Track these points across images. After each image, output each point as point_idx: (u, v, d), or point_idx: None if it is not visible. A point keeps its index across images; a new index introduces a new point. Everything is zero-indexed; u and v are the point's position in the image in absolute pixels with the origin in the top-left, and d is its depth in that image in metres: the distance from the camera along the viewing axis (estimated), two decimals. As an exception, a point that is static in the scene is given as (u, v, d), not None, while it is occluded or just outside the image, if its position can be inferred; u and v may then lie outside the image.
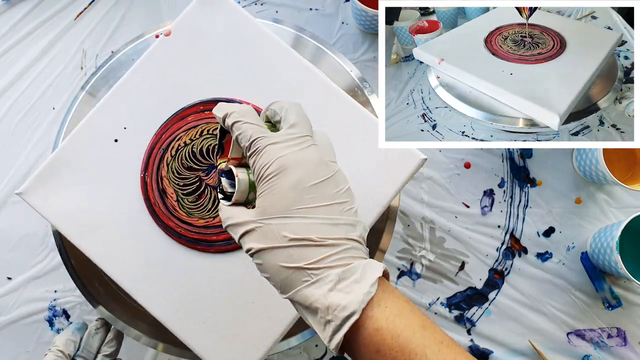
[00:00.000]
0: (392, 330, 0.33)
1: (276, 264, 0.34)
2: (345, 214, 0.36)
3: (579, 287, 0.72)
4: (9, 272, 0.72)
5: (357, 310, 0.33)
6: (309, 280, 0.34)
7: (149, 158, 0.54)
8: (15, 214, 0.73)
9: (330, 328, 0.33)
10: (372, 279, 0.34)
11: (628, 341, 0.72)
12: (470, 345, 0.72)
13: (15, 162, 0.73)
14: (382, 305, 0.34)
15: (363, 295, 0.33)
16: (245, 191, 0.38)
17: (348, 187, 0.37)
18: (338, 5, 0.75)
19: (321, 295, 0.33)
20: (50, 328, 0.72)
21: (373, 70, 0.74)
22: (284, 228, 0.34)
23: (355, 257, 0.35)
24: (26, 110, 0.74)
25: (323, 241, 0.34)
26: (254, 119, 0.38)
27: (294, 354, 0.71)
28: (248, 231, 0.35)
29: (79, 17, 0.75)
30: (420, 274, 0.72)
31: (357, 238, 0.36)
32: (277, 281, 0.35)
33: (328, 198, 0.35)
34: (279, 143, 0.36)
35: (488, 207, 0.73)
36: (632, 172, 0.71)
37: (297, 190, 0.35)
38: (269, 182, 0.35)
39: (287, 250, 0.34)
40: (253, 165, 0.36)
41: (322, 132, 0.39)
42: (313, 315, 0.34)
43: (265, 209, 0.35)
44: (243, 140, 0.37)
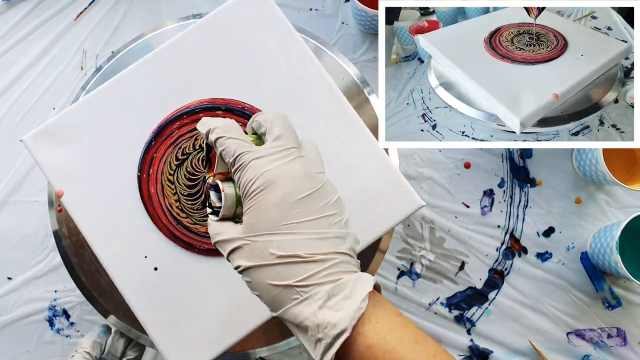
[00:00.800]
0: (383, 346, 0.33)
1: (265, 282, 0.34)
2: (334, 226, 0.35)
3: (579, 287, 0.72)
4: (9, 272, 0.72)
5: (348, 328, 0.32)
6: (299, 297, 0.33)
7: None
8: (15, 214, 0.73)
9: (322, 346, 0.33)
10: (362, 295, 0.33)
11: (628, 341, 0.72)
12: (470, 345, 0.72)
13: (15, 162, 0.73)
14: (373, 320, 0.34)
15: (353, 312, 0.33)
16: (232, 206, 0.37)
17: (337, 198, 0.36)
18: (338, 5, 0.75)
19: (311, 313, 0.33)
20: (50, 328, 0.72)
21: (373, 70, 0.74)
22: (271, 245, 0.34)
23: (345, 272, 0.34)
24: (26, 110, 0.74)
25: (311, 257, 0.34)
26: (237, 134, 0.37)
27: (294, 354, 0.71)
28: (236, 248, 0.35)
29: (79, 17, 0.75)
30: (420, 274, 0.72)
31: (346, 251, 0.35)
32: (267, 299, 0.35)
33: (315, 212, 0.35)
34: (263, 157, 0.35)
35: (488, 207, 0.73)
36: (632, 172, 0.71)
37: (283, 205, 0.34)
38: (255, 198, 0.34)
39: (275, 267, 0.34)
40: (238, 181, 0.36)
41: (309, 141, 0.39)
42: (304, 333, 0.34)
43: (252, 226, 0.34)
44: (227, 156, 0.36)
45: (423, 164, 0.73)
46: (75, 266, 0.62)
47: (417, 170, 0.73)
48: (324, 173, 0.37)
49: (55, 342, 0.72)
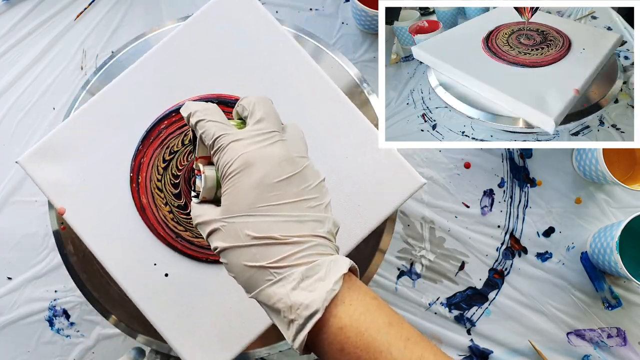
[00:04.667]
0: (356, 328, 0.33)
1: (240, 263, 0.34)
2: (312, 210, 0.35)
3: (579, 287, 0.72)
4: (9, 272, 0.72)
5: (320, 309, 0.32)
6: (272, 279, 0.33)
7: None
8: (15, 214, 0.73)
9: (294, 327, 0.33)
10: (336, 276, 0.33)
11: (628, 341, 0.72)
12: (470, 345, 0.72)
13: (15, 162, 0.73)
14: (346, 302, 0.33)
15: (326, 293, 0.33)
16: (213, 188, 0.38)
17: (319, 182, 0.36)
18: (338, 5, 0.75)
19: (284, 294, 0.33)
20: (50, 328, 0.72)
21: (373, 70, 0.74)
22: (247, 226, 0.34)
23: (321, 254, 0.34)
24: (26, 110, 0.74)
25: (286, 239, 0.34)
26: (217, 117, 0.37)
27: (294, 354, 0.71)
28: (214, 230, 0.35)
29: (79, 17, 0.75)
30: (420, 274, 0.72)
31: (324, 234, 0.35)
32: (242, 280, 0.35)
33: (293, 195, 0.35)
34: (242, 140, 0.35)
35: (488, 207, 0.73)
36: (632, 172, 0.71)
37: (261, 187, 0.34)
38: (232, 179, 0.35)
39: (250, 249, 0.34)
40: (217, 163, 0.36)
41: (294, 125, 0.39)
42: (277, 315, 0.34)
43: (229, 207, 0.34)
44: (207, 138, 0.36)
45: (423, 164, 0.73)
46: (75, 266, 0.62)
47: (417, 170, 0.72)
48: (307, 157, 0.37)
49: (55, 342, 0.72)
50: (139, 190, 0.53)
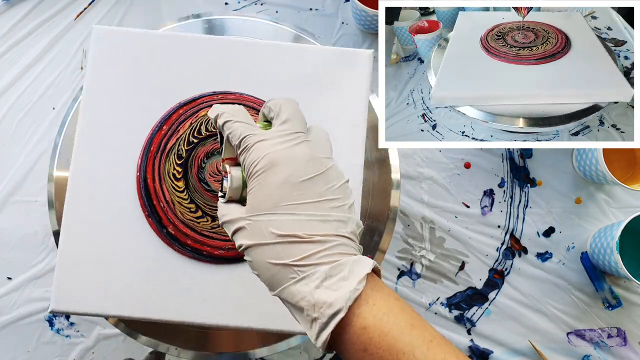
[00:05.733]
0: (379, 328, 0.33)
1: (264, 260, 0.34)
2: (336, 210, 0.35)
3: (579, 287, 0.72)
4: (9, 272, 0.72)
5: (344, 308, 0.32)
6: (296, 277, 0.34)
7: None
8: (15, 214, 0.73)
9: (317, 326, 0.33)
10: (360, 276, 0.33)
11: (628, 341, 0.72)
12: (470, 345, 0.72)
13: (15, 162, 0.73)
14: (370, 302, 0.34)
15: (350, 292, 0.33)
16: (239, 188, 0.38)
17: (342, 183, 0.37)
18: (338, 5, 0.75)
19: (307, 292, 0.33)
20: (50, 328, 0.72)
21: (373, 70, 0.74)
22: (271, 224, 0.34)
23: (344, 254, 0.35)
24: (26, 110, 0.74)
25: (310, 237, 0.34)
26: (244, 118, 0.38)
27: (294, 354, 0.71)
28: (239, 228, 0.35)
29: (79, 17, 0.75)
30: (420, 274, 0.72)
31: (347, 234, 0.35)
32: (266, 278, 0.35)
33: (317, 194, 0.35)
34: (268, 140, 0.36)
35: (488, 207, 0.73)
36: (632, 172, 0.71)
37: (286, 186, 0.35)
38: (258, 178, 0.35)
39: (274, 247, 0.34)
40: (243, 163, 0.37)
41: (318, 127, 0.39)
42: (300, 313, 0.34)
43: (254, 206, 0.35)
44: (233, 139, 0.37)
45: (423, 164, 0.73)
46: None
47: (417, 170, 0.73)
48: (331, 158, 0.37)
49: (55, 342, 0.72)
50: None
